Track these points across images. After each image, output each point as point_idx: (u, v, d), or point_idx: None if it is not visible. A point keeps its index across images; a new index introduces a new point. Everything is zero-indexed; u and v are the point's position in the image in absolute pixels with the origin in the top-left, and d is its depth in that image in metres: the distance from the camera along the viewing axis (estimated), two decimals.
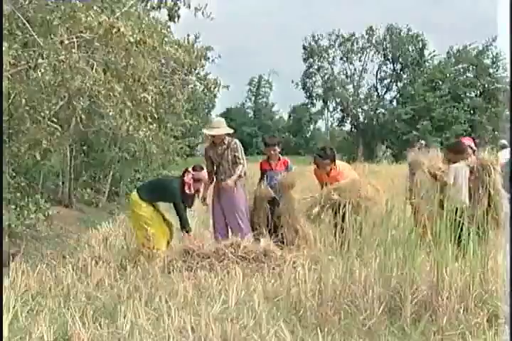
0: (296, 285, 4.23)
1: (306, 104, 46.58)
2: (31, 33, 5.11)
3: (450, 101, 34.82)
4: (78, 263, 5.26)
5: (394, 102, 42.02)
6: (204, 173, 5.72)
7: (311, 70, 43.93)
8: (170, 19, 6.87)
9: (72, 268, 5.02)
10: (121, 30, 4.86)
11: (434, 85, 36.08)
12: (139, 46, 5.20)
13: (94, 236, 7.00)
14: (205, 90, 10.49)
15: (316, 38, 43.32)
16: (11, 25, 5.21)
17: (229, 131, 6.13)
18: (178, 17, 6.79)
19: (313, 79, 44.15)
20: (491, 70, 36.37)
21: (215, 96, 22.61)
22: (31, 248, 6.48)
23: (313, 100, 44.99)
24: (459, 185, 5.61)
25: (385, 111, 40.93)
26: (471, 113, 35.18)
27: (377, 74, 43.86)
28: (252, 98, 55.39)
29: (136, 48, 5.23)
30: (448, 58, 38.03)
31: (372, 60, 43.64)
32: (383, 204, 5.49)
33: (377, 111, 42.17)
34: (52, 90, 5.73)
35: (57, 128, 6.28)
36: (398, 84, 42.92)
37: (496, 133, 30.71)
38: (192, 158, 19.12)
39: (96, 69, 5.32)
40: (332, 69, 43.80)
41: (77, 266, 5.19)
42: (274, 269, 5.04)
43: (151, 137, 6.24)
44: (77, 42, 5.21)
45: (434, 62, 39.61)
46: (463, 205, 5.32)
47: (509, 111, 23.74)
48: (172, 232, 5.76)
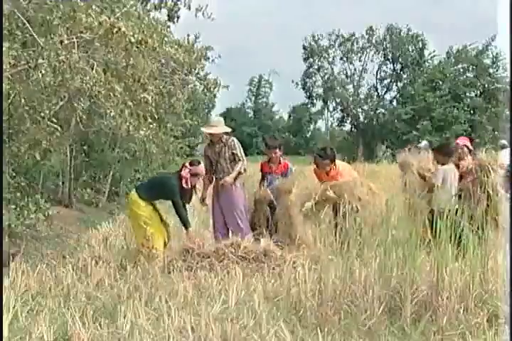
0: (296, 285, 4.23)
1: (306, 104, 46.52)
2: (31, 33, 5.11)
3: (450, 101, 34.74)
4: (78, 263, 5.26)
5: (394, 102, 41.96)
6: (201, 168, 5.72)
7: (311, 70, 43.86)
8: (169, 19, 6.88)
9: (72, 268, 5.02)
10: (122, 29, 4.86)
11: (434, 85, 36.00)
12: (140, 46, 5.20)
13: (94, 236, 7.00)
14: (205, 90, 10.49)
15: (316, 38, 43.25)
16: (10, 25, 5.20)
17: (227, 129, 6.17)
18: (178, 17, 6.82)
19: (313, 79, 44.10)
20: (491, 70, 36.30)
21: (215, 96, 22.59)
22: (31, 248, 6.48)
23: (313, 100, 44.93)
24: (447, 186, 5.62)
25: (385, 111, 40.87)
26: (471, 113, 35.11)
27: (377, 74, 43.84)
28: (252, 98, 55.35)
29: (137, 48, 5.24)
30: (448, 58, 37.96)
31: (372, 60, 43.59)
32: (381, 205, 5.53)
33: (377, 111, 42.12)
34: (52, 90, 5.73)
35: (57, 128, 6.29)
36: (398, 84, 42.86)
37: (496, 133, 30.65)
38: (192, 158, 19.09)
39: (96, 70, 5.33)
40: (332, 69, 43.77)
41: (77, 266, 5.19)
42: (274, 269, 5.04)
43: (151, 136, 6.23)
44: (77, 42, 5.21)
45: (434, 62, 39.55)
46: (450, 207, 5.31)
47: (509, 111, 23.74)
48: (169, 233, 5.75)
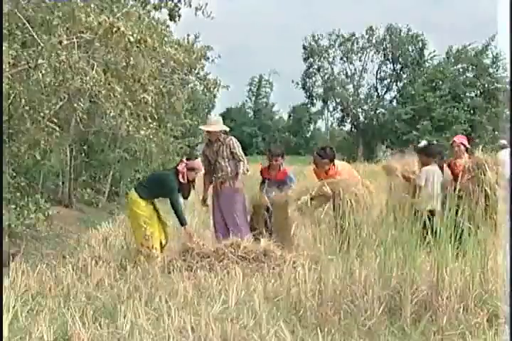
0: (296, 285, 4.23)
1: (306, 104, 46.53)
2: (31, 33, 5.11)
3: (450, 101, 34.71)
4: (78, 263, 5.26)
5: (394, 102, 41.94)
6: (198, 162, 5.70)
7: (311, 70, 43.86)
8: (171, 19, 6.88)
9: (72, 268, 5.02)
10: (121, 29, 4.86)
11: (434, 85, 35.97)
12: (139, 46, 5.20)
13: (94, 236, 7.00)
14: (205, 90, 10.50)
15: (316, 38, 43.26)
16: (10, 25, 5.20)
17: (224, 128, 6.19)
18: (179, 16, 6.81)
19: (313, 79, 44.11)
20: (491, 70, 36.28)
21: (215, 96, 22.62)
22: (31, 248, 6.48)
23: (313, 100, 44.95)
24: (429, 187, 5.70)
25: (385, 111, 40.83)
26: (471, 113, 35.07)
27: (377, 74, 43.85)
28: (252, 98, 55.32)
29: (137, 48, 5.23)
30: (448, 58, 37.93)
31: (372, 60, 43.61)
32: (381, 205, 5.54)
33: (377, 111, 42.11)
34: (52, 90, 5.73)
35: (55, 128, 6.29)
36: (398, 84, 42.86)
37: (496, 133, 30.64)
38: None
39: (96, 70, 5.33)
40: (332, 69, 43.77)
41: (77, 266, 5.19)
42: (274, 269, 5.04)
43: (151, 136, 6.23)
44: (77, 42, 5.21)
45: (434, 62, 39.55)
46: (433, 208, 5.31)
47: (509, 111, 23.73)
48: (167, 233, 5.74)
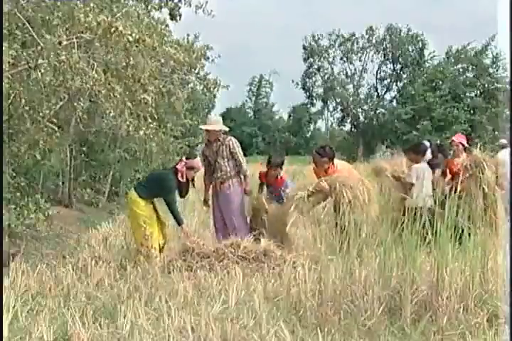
0: (296, 285, 4.23)
1: (306, 104, 46.51)
2: (31, 33, 5.11)
3: (450, 101, 34.70)
4: (78, 263, 5.26)
5: (394, 102, 41.94)
6: (197, 161, 5.70)
7: (311, 70, 43.83)
8: (171, 19, 6.88)
9: (72, 268, 5.01)
10: (120, 29, 4.86)
11: (434, 85, 35.95)
12: (139, 45, 5.20)
13: (94, 236, 7.00)
14: (205, 90, 10.49)
15: (316, 38, 43.23)
16: (10, 25, 5.20)
17: (224, 128, 6.19)
18: (180, 16, 6.81)
19: (313, 79, 44.07)
20: (491, 70, 36.26)
21: (215, 96, 22.62)
22: (31, 248, 6.48)
23: (313, 100, 44.94)
24: (420, 184, 5.82)
25: (385, 111, 40.82)
26: (471, 113, 35.05)
27: (377, 74, 43.83)
28: (252, 98, 55.32)
29: (136, 48, 5.23)
30: (448, 58, 37.92)
31: (372, 60, 43.58)
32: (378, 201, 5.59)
33: (377, 111, 42.10)
34: (52, 90, 5.73)
35: (55, 128, 6.28)
36: (398, 84, 42.85)
37: (496, 133, 30.63)
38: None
39: (96, 70, 5.32)
40: (332, 69, 43.74)
41: (77, 266, 5.19)
42: (274, 269, 5.04)
43: (151, 135, 6.23)
44: (77, 42, 5.21)
45: (434, 62, 39.55)
46: (423, 205, 5.36)
47: (509, 111, 23.72)
48: (165, 233, 5.73)
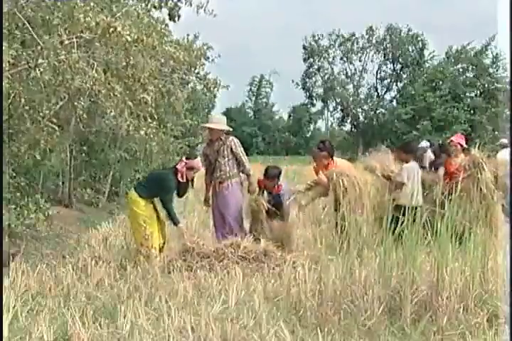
0: (296, 285, 4.23)
1: (306, 104, 46.51)
2: (31, 33, 5.10)
3: (450, 101, 34.70)
4: (78, 263, 5.26)
5: (394, 102, 41.94)
6: (197, 161, 5.69)
7: (311, 70, 43.84)
8: (170, 19, 6.86)
9: (72, 268, 5.02)
10: (118, 29, 4.85)
11: (434, 85, 35.95)
12: (138, 45, 5.19)
13: (94, 236, 7.00)
14: (205, 90, 10.48)
15: (316, 38, 43.23)
16: (10, 25, 5.20)
17: (227, 128, 6.19)
18: (179, 16, 6.79)
19: (313, 79, 44.07)
20: (491, 70, 36.26)
21: (215, 96, 22.65)
22: (31, 248, 6.47)
23: (313, 100, 44.95)
24: (410, 184, 5.87)
25: (385, 111, 40.84)
26: (471, 113, 35.05)
27: (377, 74, 43.83)
28: (252, 98, 55.33)
29: (135, 47, 5.23)
30: (447, 58, 37.93)
31: (372, 60, 43.58)
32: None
33: (377, 111, 42.09)
34: (52, 90, 5.73)
35: (55, 128, 6.27)
36: (398, 84, 42.85)
37: (496, 133, 30.62)
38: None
39: (96, 69, 5.32)
40: (332, 69, 43.74)
41: (77, 266, 5.19)
42: (274, 269, 5.04)
43: (151, 135, 6.22)
44: (76, 42, 5.20)
45: (434, 62, 39.55)
46: (414, 204, 5.38)
47: (509, 111, 23.71)
48: (165, 233, 5.73)
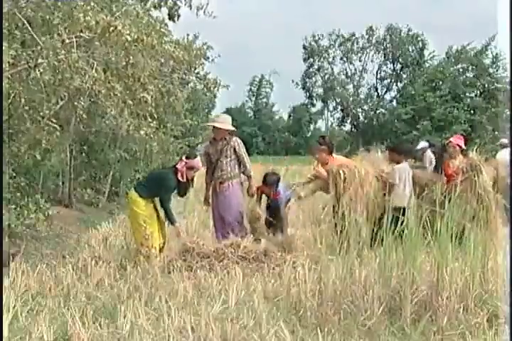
0: (296, 285, 4.23)
1: (306, 104, 46.55)
2: (31, 33, 5.10)
3: (450, 101, 34.69)
4: (78, 263, 5.25)
5: (394, 102, 41.95)
6: (197, 161, 5.67)
7: (311, 70, 43.86)
8: (170, 18, 6.86)
9: (72, 268, 5.01)
10: (119, 28, 4.85)
11: (434, 85, 35.93)
12: (138, 44, 5.19)
13: (94, 236, 6.99)
14: (205, 90, 10.48)
15: (316, 38, 43.27)
16: (10, 25, 5.20)
17: (232, 128, 6.19)
18: (178, 16, 6.79)
19: (313, 79, 44.11)
20: (491, 70, 36.26)
21: (215, 96, 22.68)
22: (31, 248, 6.47)
23: (313, 100, 44.98)
24: (402, 185, 5.87)
25: (385, 111, 40.85)
26: (471, 113, 35.05)
27: (377, 74, 43.86)
28: (252, 98, 55.35)
29: (135, 47, 5.22)
30: (448, 58, 37.93)
31: (372, 60, 43.63)
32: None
33: (377, 111, 42.10)
34: (51, 90, 5.72)
35: (56, 127, 6.27)
36: (398, 84, 42.87)
37: (496, 133, 30.62)
38: None
39: (96, 69, 5.32)
40: (332, 69, 43.78)
41: (77, 266, 5.18)
42: (274, 269, 5.04)
43: (151, 135, 6.22)
44: (76, 41, 5.20)
45: (434, 62, 39.55)
46: (404, 205, 5.40)
47: (509, 111, 23.72)
48: (165, 233, 5.73)
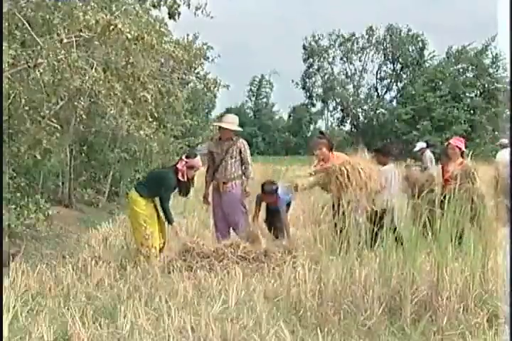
0: (296, 285, 4.23)
1: (306, 104, 46.56)
2: (30, 33, 5.10)
3: (450, 101, 34.73)
4: (78, 263, 5.25)
5: (394, 102, 42.02)
6: (197, 160, 5.65)
7: (311, 70, 43.90)
8: (170, 17, 6.84)
9: (72, 268, 5.01)
10: (119, 26, 4.84)
11: (434, 85, 35.98)
12: (137, 43, 5.18)
13: (94, 236, 6.99)
14: (205, 90, 10.48)
15: (316, 38, 43.31)
16: (10, 25, 5.19)
17: (240, 129, 6.21)
18: (179, 14, 6.77)
19: (313, 79, 44.15)
20: (491, 70, 36.31)
21: (215, 96, 22.66)
22: (31, 248, 6.47)
23: (313, 100, 45.02)
24: (388, 186, 5.81)
25: (385, 111, 40.88)
26: (471, 113, 35.09)
27: (377, 74, 43.89)
28: (252, 98, 55.33)
29: (135, 46, 5.21)
30: (448, 58, 37.98)
31: (372, 60, 43.68)
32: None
33: (377, 111, 42.12)
34: (51, 90, 5.72)
35: (57, 128, 6.27)
36: (398, 84, 42.91)
37: (496, 133, 30.67)
38: None
39: (96, 69, 5.31)
40: (332, 69, 43.82)
41: (77, 266, 5.18)
42: (274, 269, 5.04)
43: (151, 135, 6.21)
44: (76, 41, 5.20)
45: (434, 62, 39.59)
46: (389, 207, 5.40)
47: (509, 111, 23.73)
48: (165, 233, 5.73)
